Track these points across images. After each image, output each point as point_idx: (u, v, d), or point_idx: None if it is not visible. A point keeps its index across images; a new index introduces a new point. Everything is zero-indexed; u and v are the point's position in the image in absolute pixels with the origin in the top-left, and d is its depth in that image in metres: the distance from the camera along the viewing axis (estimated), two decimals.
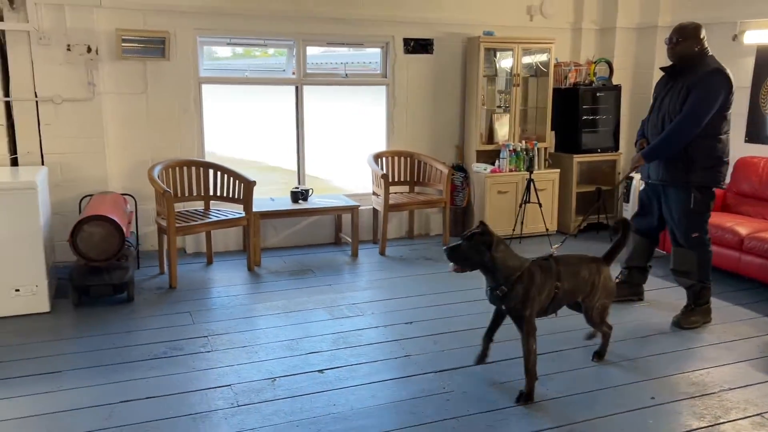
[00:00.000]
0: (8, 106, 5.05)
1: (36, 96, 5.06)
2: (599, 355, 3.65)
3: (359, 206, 5.74)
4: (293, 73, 5.94)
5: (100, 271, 4.36)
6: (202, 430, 2.89)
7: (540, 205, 6.05)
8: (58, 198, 5.14)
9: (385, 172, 5.95)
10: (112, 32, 5.18)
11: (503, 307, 3.24)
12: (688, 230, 4.09)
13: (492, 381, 3.42)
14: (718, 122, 3.94)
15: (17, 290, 4.18)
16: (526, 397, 3.16)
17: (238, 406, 3.12)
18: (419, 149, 6.40)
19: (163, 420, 2.98)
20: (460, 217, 6.57)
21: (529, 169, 6.06)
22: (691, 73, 3.95)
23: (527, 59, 6.55)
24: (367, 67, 6.40)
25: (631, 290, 4.62)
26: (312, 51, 6.09)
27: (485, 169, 6.28)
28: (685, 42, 3.97)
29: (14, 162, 5.12)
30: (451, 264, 3.13)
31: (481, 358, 3.42)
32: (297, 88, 5.97)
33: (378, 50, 6.28)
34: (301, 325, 4.15)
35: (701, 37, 3.98)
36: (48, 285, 4.29)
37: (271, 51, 6.20)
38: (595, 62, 6.64)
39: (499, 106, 6.59)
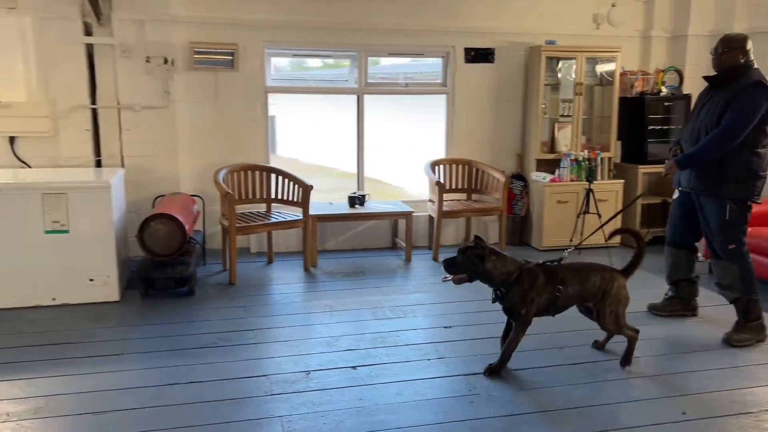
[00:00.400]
0: (94, 113, 5.55)
1: (118, 104, 5.53)
2: (626, 361, 3.64)
3: (413, 212, 5.87)
4: (355, 83, 6.16)
5: (164, 266, 4.71)
6: (235, 415, 3.11)
7: (599, 216, 5.94)
8: (134, 197, 5.58)
9: (439, 179, 6.05)
10: (186, 45, 5.58)
11: (503, 307, 3.52)
12: (724, 242, 3.98)
13: (520, 387, 3.45)
14: (757, 135, 3.82)
15: (91, 280, 4.60)
16: (491, 371, 3.51)
17: (271, 395, 3.32)
18: (478, 157, 6.45)
19: (202, 403, 3.22)
20: (519, 226, 6.55)
21: (589, 178, 5.97)
22: (733, 85, 3.85)
23: (592, 68, 6.46)
24: (427, 76, 6.53)
25: (682, 305, 4.49)
26: (386, 62, 6.31)
27: (544, 178, 6.25)
28: (731, 53, 3.88)
29: (98, 164, 5.61)
30: (449, 275, 3.46)
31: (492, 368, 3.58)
32: (358, 97, 6.18)
33: (437, 59, 6.39)
34: (343, 323, 4.33)
35: (747, 48, 3.88)
36: (118, 276, 4.68)
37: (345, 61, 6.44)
38: (663, 71, 6.47)
39: (563, 115, 6.54)
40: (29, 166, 5.37)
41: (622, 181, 6.40)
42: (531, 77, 6.37)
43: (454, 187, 6.42)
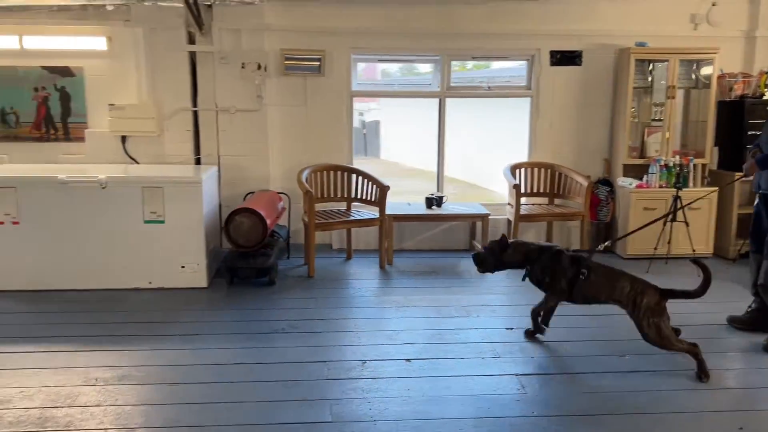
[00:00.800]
0: (195, 115, 6.05)
1: (216, 107, 5.99)
2: (702, 374, 3.54)
3: (489, 215, 5.90)
4: (438, 86, 6.29)
5: (247, 256, 5.07)
6: (288, 395, 3.34)
7: (687, 225, 5.70)
8: (228, 193, 6.03)
9: (519, 183, 6.04)
10: (278, 52, 5.96)
11: (533, 281, 3.96)
12: None
13: (571, 390, 3.45)
14: None
15: (183, 267, 5.04)
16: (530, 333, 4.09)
17: (326, 379, 3.53)
18: (562, 161, 6.37)
19: (262, 382, 3.49)
20: (603, 232, 6.40)
21: (677, 185, 5.73)
22: None
23: (688, 70, 6.20)
24: (511, 79, 6.53)
25: (765, 319, 4.24)
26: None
27: (630, 184, 6.07)
28: None
29: (197, 161, 6.11)
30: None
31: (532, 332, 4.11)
32: (440, 100, 6.31)
33: (521, 63, 6.38)
34: (407, 319, 4.47)
35: None
36: (207, 265, 5.10)
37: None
38: (767, 72, 6.08)
39: (654, 120, 6.31)
40: (137, 162, 5.94)
41: (716, 188, 6.08)
42: (620, 80, 6.21)
43: (535, 191, 6.38)
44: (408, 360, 3.79)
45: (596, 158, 6.49)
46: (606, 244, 4.22)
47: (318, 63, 5.97)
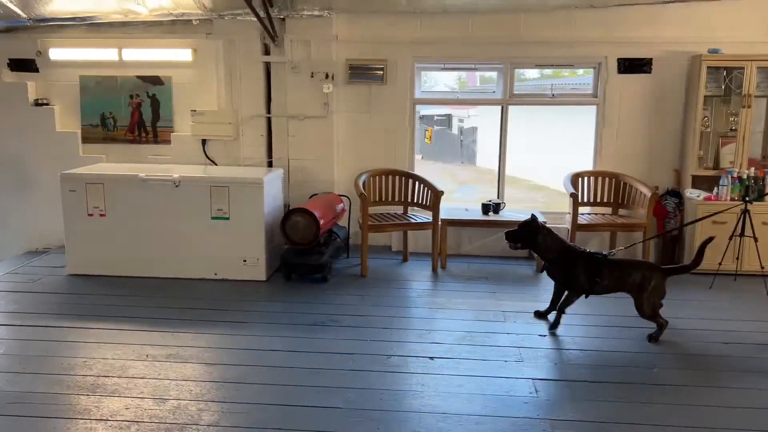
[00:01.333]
0: (269, 121, 6.49)
1: (287, 113, 6.39)
2: (653, 338, 4.18)
3: (546, 222, 5.87)
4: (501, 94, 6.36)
5: (302, 254, 5.39)
6: (307, 381, 3.60)
7: (756, 240, 5.41)
8: (295, 194, 6.41)
9: (578, 192, 5.98)
10: (344, 61, 6.27)
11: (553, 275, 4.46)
12: None
13: (583, 397, 3.46)
14: None
15: (244, 261, 5.44)
16: (551, 326, 4.39)
17: (349, 370, 3.75)
18: (629, 171, 6.23)
19: (289, 368, 3.77)
20: (670, 244, 6.19)
21: (745, 198, 5.46)
22: None
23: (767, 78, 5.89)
24: (577, 87, 6.47)
25: None
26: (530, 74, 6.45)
27: (698, 196, 5.85)
28: None
29: (270, 164, 6.54)
30: (509, 243, 4.48)
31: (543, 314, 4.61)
32: (502, 107, 6.37)
33: (588, 70, 6.31)
34: (442, 320, 4.61)
35: None
36: (266, 260, 5.48)
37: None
38: None
39: (732, 129, 6.04)
40: (215, 164, 6.46)
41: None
42: (691, 88, 6.00)
43: (599, 200, 6.28)
44: (431, 358, 3.94)
45: (667, 169, 6.29)
46: (614, 251, 4.58)
47: (381, 72, 6.22)
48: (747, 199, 5.45)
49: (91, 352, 3.95)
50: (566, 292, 4.40)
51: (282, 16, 6.17)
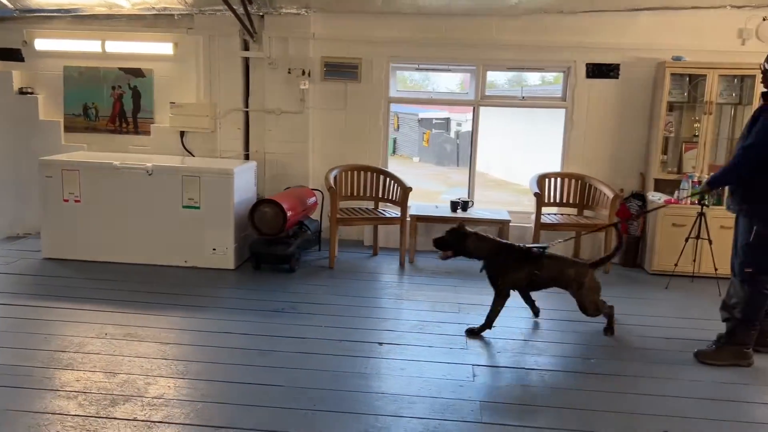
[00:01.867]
0: (246, 115, 6.65)
1: (264, 108, 6.55)
2: (609, 330, 4.32)
3: (509, 221, 6.05)
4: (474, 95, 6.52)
5: (270, 244, 5.55)
6: (257, 361, 3.75)
7: (710, 243, 5.56)
8: (270, 187, 6.56)
9: (538, 192, 6.14)
10: (320, 59, 6.43)
11: (487, 276, 4.32)
12: (743, 263, 3.80)
13: (519, 382, 3.62)
14: None
15: (214, 249, 5.60)
16: (472, 333, 4.26)
17: (298, 352, 3.90)
18: (595, 173, 6.38)
19: (238, 349, 3.94)
20: (633, 246, 6.33)
21: (701, 202, 5.61)
22: None
23: (731, 86, 6.05)
24: (546, 90, 6.63)
25: (756, 339, 4.15)
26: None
27: (659, 199, 6.00)
28: None
29: (246, 157, 6.70)
30: (440, 252, 4.33)
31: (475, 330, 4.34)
32: (474, 108, 6.53)
33: (556, 74, 6.47)
34: (398, 310, 4.77)
35: None
36: (235, 249, 5.63)
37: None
38: None
39: (695, 135, 6.20)
40: (193, 155, 6.62)
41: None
42: (656, 94, 6.16)
43: (565, 201, 6.43)
44: (380, 344, 4.09)
45: (632, 172, 6.44)
46: (556, 242, 4.69)
47: (356, 70, 6.38)
48: (703, 203, 5.59)
49: (53, 329, 4.11)
50: (493, 299, 4.27)
51: (261, 14, 6.34)
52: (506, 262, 4.25)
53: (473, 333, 4.26)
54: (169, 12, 6.38)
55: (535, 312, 4.64)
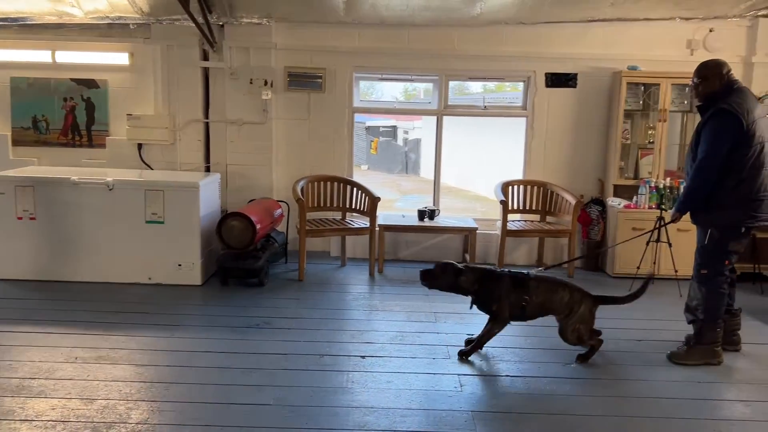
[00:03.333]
0: (207, 126, 6.50)
1: (225, 119, 6.43)
2: (583, 358, 4.05)
3: (477, 228, 6.12)
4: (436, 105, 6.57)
5: (238, 258, 5.43)
6: (240, 380, 3.65)
7: (670, 246, 5.77)
8: (233, 199, 6.43)
9: (509, 200, 6.24)
10: (283, 69, 6.36)
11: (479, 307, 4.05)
12: (699, 265, 4.01)
13: (506, 391, 3.65)
14: (737, 157, 3.79)
15: (179, 265, 5.44)
16: (464, 353, 4.05)
17: (282, 369, 3.83)
18: (556, 180, 6.54)
19: (222, 368, 3.82)
20: (594, 249, 6.51)
21: (661, 206, 5.82)
22: (710, 111, 3.86)
23: (682, 94, 6.31)
24: (507, 100, 6.76)
25: (723, 338, 4.33)
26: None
27: (619, 204, 6.19)
28: (706, 81, 3.97)
29: (207, 169, 6.55)
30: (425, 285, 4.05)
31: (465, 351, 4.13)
32: (437, 118, 6.58)
33: (518, 84, 6.61)
34: (375, 321, 4.75)
35: (723, 72, 3.92)
36: (202, 264, 5.49)
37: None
38: (761, 98, 6.12)
39: (650, 142, 6.43)
40: (151, 168, 6.42)
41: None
42: (612, 102, 6.36)
43: (527, 208, 6.56)
44: (363, 357, 4.05)
45: (591, 178, 6.63)
46: (540, 269, 4.43)
47: (320, 80, 6.34)
48: (662, 207, 5.81)
49: (17, 355, 3.89)
50: (488, 323, 4.04)
51: (221, 23, 6.22)
52: (495, 287, 3.97)
53: (464, 354, 4.06)
54: (124, 21, 6.19)
55: (467, 352, 4.17)
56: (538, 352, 4.25)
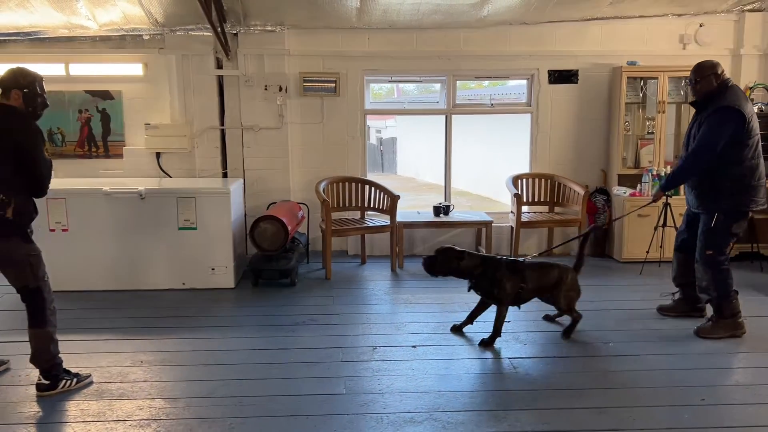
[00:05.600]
0: (222, 133, 6.63)
1: (241, 125, 6.56)
2: (566, 334, 4.40)
3: (492, 222, 6.38)
4: (445, 104, 6.81)
5: (271, 259, 5.59)
6: (308, 372, 3.84)
7: (676, 230, 6.10)
8: (252, 203, 6.57)
9: (520, 192, 6.52)
10: (297, 74, 6.53)
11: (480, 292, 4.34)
12: (704, 247, 4.39)
13: (557, 370, 3.91)
14: (740, 150, 4.20)
15: (213, 269, 5.57)
16: (485, 343, 4.25)
17: (341, 361, 4.02)
18: (561, 172, 6.84)
19: (283, 363, 3.99)
20: (601, 238, 6.83)
21: (666, 194, 6.15)
22: (709, 108, 4.24)
23: (678, 87, 6.67)
24: (513, 97, 7.04)
25: (688, 306, 4.81)
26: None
27: (624, 193, 6.52)
28: (704, 80, 4.35)
29: (225, 175, 6.67)
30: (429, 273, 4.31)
31: (459, 327, 4.51)
32: (446, 117, 6.83)
33: (523, 81, 6.89)
34: (413, 313, 4.96)
35: (719, 72, 4.31)
36: (234, 267, 5.63)
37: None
38: (751, 88, 6.52)
39: (649, 133, 6.78)
40: (170, 176, 6.52)
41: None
42: (613, 96, 6.69)
43: (536, 199, 6.85)
44: (414, 346, 4.27)
45: (594, 169, 6.95)
46: (534, 255, 4.95)
47: (333, 84, 6.52)
48: (667, 194, 6.14)
49: (83, 361, 4.00)
50: (497, 310, 4.27)
51: (234, 32, 6.36)
52: (495, 272, 4.21)
53: (486, 344, 4.24)
54: (138, 33, 6.28)
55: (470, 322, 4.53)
56: (581, 333, 4.51)
